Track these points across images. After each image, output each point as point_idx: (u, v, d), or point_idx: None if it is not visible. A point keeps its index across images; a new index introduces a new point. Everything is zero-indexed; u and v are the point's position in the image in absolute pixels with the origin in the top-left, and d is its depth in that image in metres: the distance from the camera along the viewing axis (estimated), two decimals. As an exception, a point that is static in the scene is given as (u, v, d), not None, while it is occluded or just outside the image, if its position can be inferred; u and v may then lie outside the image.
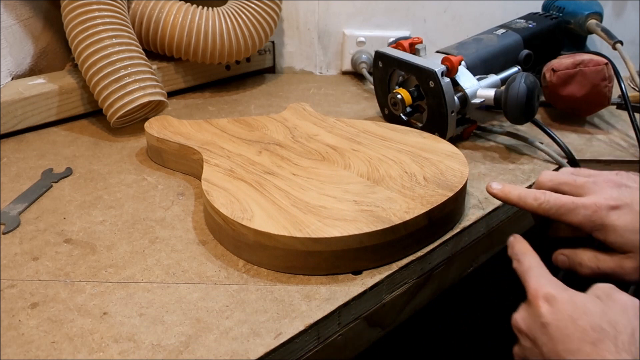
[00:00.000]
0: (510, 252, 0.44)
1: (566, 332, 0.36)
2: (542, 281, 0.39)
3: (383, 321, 0.48)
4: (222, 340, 0.39)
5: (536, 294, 0.39)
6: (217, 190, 0.51)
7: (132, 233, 0.52)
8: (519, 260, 0.42)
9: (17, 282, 0.45)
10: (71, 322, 0.41)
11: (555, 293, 0.38)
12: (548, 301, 0.38)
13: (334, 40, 0.95)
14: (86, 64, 0.69)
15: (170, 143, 0.62)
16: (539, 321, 0.38)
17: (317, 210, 0.47)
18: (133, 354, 0.38)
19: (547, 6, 0.88)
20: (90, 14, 0.69)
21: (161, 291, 0.44)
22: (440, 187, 0.51)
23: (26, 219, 0.54)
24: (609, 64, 0.71)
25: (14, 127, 0.71)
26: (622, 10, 0.94)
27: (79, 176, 0.62)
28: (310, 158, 0.57)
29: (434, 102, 0.64)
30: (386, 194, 0.50)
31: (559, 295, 0.38)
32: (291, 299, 0.43)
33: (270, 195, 0.50)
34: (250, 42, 0.81)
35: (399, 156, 0.57)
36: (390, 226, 0.45)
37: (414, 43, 0.69)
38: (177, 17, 0.77)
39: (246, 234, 0.46)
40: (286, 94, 0.87)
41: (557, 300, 0.38)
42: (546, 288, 0.39)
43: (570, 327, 0.36)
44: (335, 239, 0.44)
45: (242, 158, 0.57)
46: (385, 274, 0.46)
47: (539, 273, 0.40)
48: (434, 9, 0.93)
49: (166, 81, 0.82)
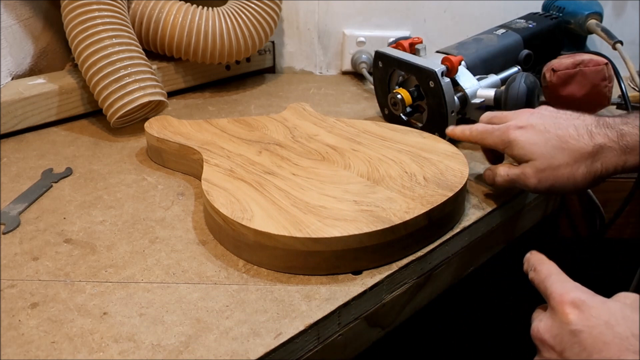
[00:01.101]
0: (525, 267, 0.43)
1: (603, 339, 0.33)
2: (568, 286, 0.37)
3: (383, 321, 0.48)
4: (222, 340, 0.39)
5: (562, 300, 0.36)
6: (217, 190, 0.51)
7: (132, 233, 0.52)
8: (536, 269, 0.40)
9: (17, 282, 0.45)
10: (71, 322, 0.41)
11: (585, 298, 0.35)
12: (578, 307, 0.35)
13: (334, 40, 0.95)
14: (86, 64, 0.69)
15: (170, 143, 0.62)
16: (567, 329, 0.35)
17: (317, 210, 0.47)
18: (133, 354, 0.38)
19: (547, 6, 0.88)
20: (90, 14, 0.69)
21: (161, 291, 0.44)
22: (440, 187, 0.51)
23: (26, 219, 0.54)
24: (609, 64, 0.71)
25: (14, 127, 0.71)
26: (622, 10, 0.94)
27: (79, 176, 0.62)
28: (310, 158, 0.57)
29: (434, 102, 0.64)
30: (386, 194, 0.50)
31: (590, 301, 0.35)
32: (291, 299, 0.43)
33: (270, 195, 0.50)
34: (250, 42, 0.81)
35: (399, 156, 0.57)
36: (390, 226, 0.45)
37: (414, 43, 0.69)
38: (177, 17, 0.77)
39: (246, 234, 0.46)
40: (286, 94, 0.87)
41: (588, 305, 0.35)
42: (574, 293, 0.36)
43: (608, 334, 0.33)
44: (335, 239, 0.44)
45: (242, 158, 0.57)
46: (385, 274, 0.46)
47: (561, 279, 0.38)
48: (434, 9, 0.93)
49: (166, 81, 0.82)
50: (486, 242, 0.57)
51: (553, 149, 0.49)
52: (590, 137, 0.49)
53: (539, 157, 0.50)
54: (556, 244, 0.75)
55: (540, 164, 0.50)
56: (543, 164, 0.50)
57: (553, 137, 0.50)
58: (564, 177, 0.49)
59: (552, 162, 0.49)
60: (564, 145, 0.49)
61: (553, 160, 0.49)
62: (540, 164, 0.50)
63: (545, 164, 0.50)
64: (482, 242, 0.57)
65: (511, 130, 0.52)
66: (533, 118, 0.52)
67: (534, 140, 0.50)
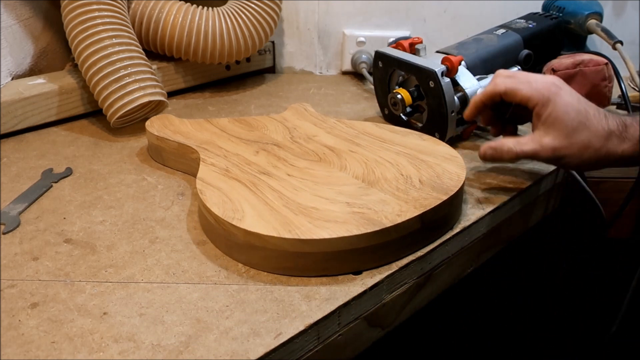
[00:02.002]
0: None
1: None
2: None
3: (383, 321, 0.48)
4: (222, 340, 0.39)
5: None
6: (210, 190, 0.51)
7: (132, 233, 0.52)
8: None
9: (17, 282, 0.45)
10: (71, 322, 0.41)
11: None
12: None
13: (334, 40, 0.95)
14: (86, 64, 0.69)
15: (170, 142, 0.62)
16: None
17: (309, 211, 0.47)
18: (133, 354, 0.38)
19: (547, 6, 0.88)
20: (90, 14, 0.69)
21: (161, 291, 0.44)
22: (435, 190, 0.50)
23: (26, 219, 0.54)
24: (609, 64, 0.71)
25: (14, 127, 0.71)
26: (622, 10, 0.94)
27: (79, 176, 0.62)
28: (307, 159, 0.57)
29: (434, 102, 0.64)
30: (379, 196, 0.49)
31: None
32: (291, 299, 0.43)
33: (263, 195, 0.49)
34: (250, 42, 0.81)
35: (397, 158, 0.56)
36: (380, 229, 0.45)
37: (414, 43, 0.69)
38: (177, 17, 0.77)
39: (236, 234, 0.46)
40: (286, 94, 0.87)
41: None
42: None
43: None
44: (325, 240, 0.44)
45: (238, 158, 0.57)
46: (385, 274, 0.46)
47: None
48: (434, 9, 0.93)
49: (166, 81, 0.82)
50: (486, 242, 0.57)
51: (579, 123, 0.50)
52: (606, 121, 0.51)
53: (565, 128, 0.50)
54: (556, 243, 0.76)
55: (564, 134, 0.50)
56: (566, 135, 0.50)
57: (583, 111, 0.51)
58: (576, 152, 0.50)
59: (574, 135, 0.50)
60: (587, 123, 0.50)
61: (575, 133, 0.50)
62: (564, 134, 0.50)
63: (568, 135, 0.50)
64: (482, 242, 0.57)
65: (553, 87, 0.51)
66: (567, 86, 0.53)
67: (571, 108, 0.50)
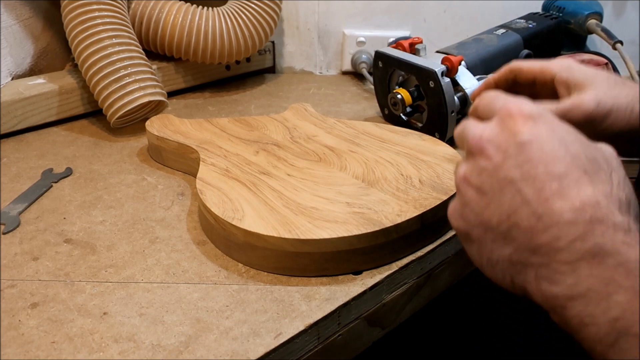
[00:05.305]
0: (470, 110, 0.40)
1: (554, 153, 0.30)
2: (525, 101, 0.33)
3: (383, 321, 0.48)
4: (222, 340, 0.39)
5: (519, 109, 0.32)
6: (210, 190, 0.51)
7: (132, 233, 0.52)
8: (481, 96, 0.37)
9: (17, 282, 0.45)
10: (71, 322, 0.41)
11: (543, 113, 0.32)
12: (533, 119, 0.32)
13: (334, 40, 0.95)
14: (86, 64, 0.69)
15: (170, 141, 0.62)
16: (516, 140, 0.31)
17: (309, 211, 0.47)
18: (133, 354, 0.38)
19: (547, 6, 0.88)
20: (90, 14, 0.69)
21: (161, 291, 0.44)
22: (435, 190, 0.50)
23: (26, 219, 0.54)
24: (609, 64, 0.71)
25: (14, 127, 0.71)
26: (622, 10, 0.94)
27: (79, 176, 0.62)
28: (307, 159, 0.57)
29: (434, 102, 0.64)
30: (379, 196, 0.49)
31: (547, 116, 0.32)
32: (291, 299, 0.43)
33: (263, 195, 0.50)
34: (250, 42, 0.81)
35: (397, 158, 0.56)
36: (380, 229, 0.45)
37: (414, 43, 0.69)
38: (177, 17, 0.77)
39: (236, 234, 0.46)
40: (286, 94, 0.87)
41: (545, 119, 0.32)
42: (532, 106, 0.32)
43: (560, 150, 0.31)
44: (324, 240, 0.44)
45: (238, 158, 0.57)
46: (385, 274, 0.46)
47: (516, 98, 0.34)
48: (434, 9, 0.93)
49: (166, 81, 0.82)
50: (486, 242, 0.57)
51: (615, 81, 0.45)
52: None
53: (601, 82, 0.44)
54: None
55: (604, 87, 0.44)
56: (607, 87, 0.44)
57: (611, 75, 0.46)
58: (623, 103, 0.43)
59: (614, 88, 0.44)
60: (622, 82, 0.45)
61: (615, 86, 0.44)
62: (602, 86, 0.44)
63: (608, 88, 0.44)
64: (482, 242, 0.57)
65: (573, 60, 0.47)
66: None
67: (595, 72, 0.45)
